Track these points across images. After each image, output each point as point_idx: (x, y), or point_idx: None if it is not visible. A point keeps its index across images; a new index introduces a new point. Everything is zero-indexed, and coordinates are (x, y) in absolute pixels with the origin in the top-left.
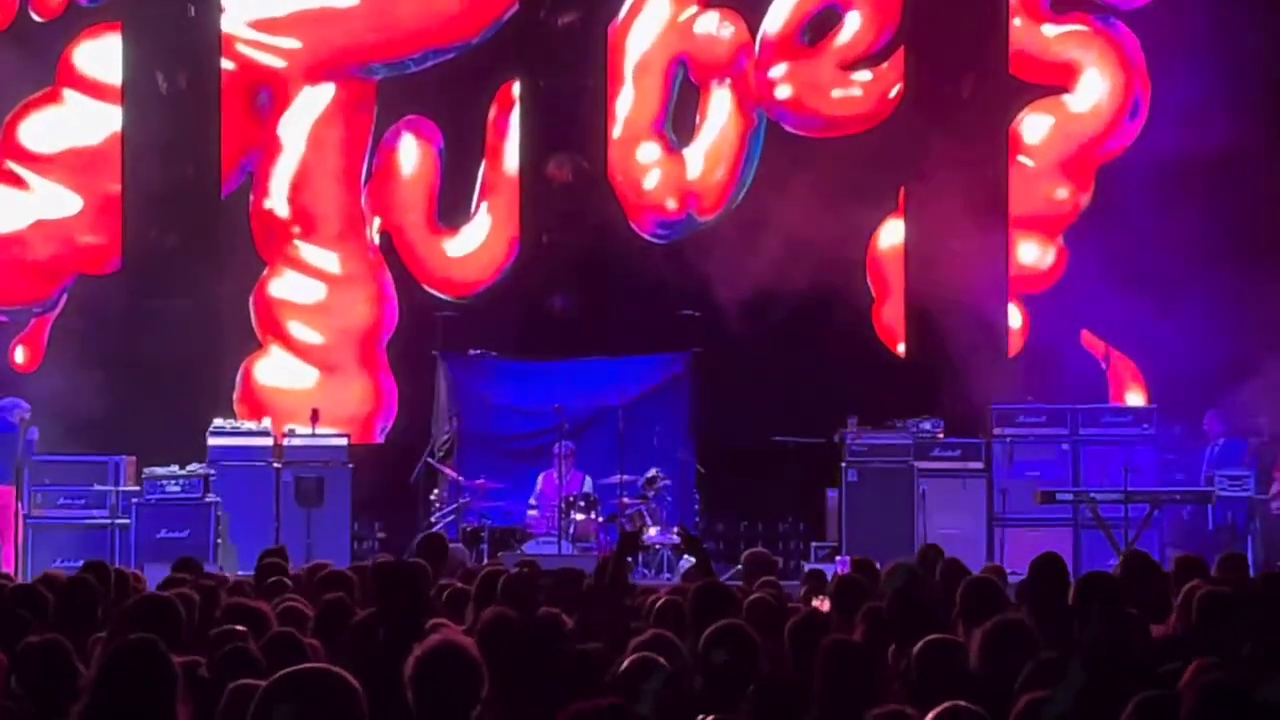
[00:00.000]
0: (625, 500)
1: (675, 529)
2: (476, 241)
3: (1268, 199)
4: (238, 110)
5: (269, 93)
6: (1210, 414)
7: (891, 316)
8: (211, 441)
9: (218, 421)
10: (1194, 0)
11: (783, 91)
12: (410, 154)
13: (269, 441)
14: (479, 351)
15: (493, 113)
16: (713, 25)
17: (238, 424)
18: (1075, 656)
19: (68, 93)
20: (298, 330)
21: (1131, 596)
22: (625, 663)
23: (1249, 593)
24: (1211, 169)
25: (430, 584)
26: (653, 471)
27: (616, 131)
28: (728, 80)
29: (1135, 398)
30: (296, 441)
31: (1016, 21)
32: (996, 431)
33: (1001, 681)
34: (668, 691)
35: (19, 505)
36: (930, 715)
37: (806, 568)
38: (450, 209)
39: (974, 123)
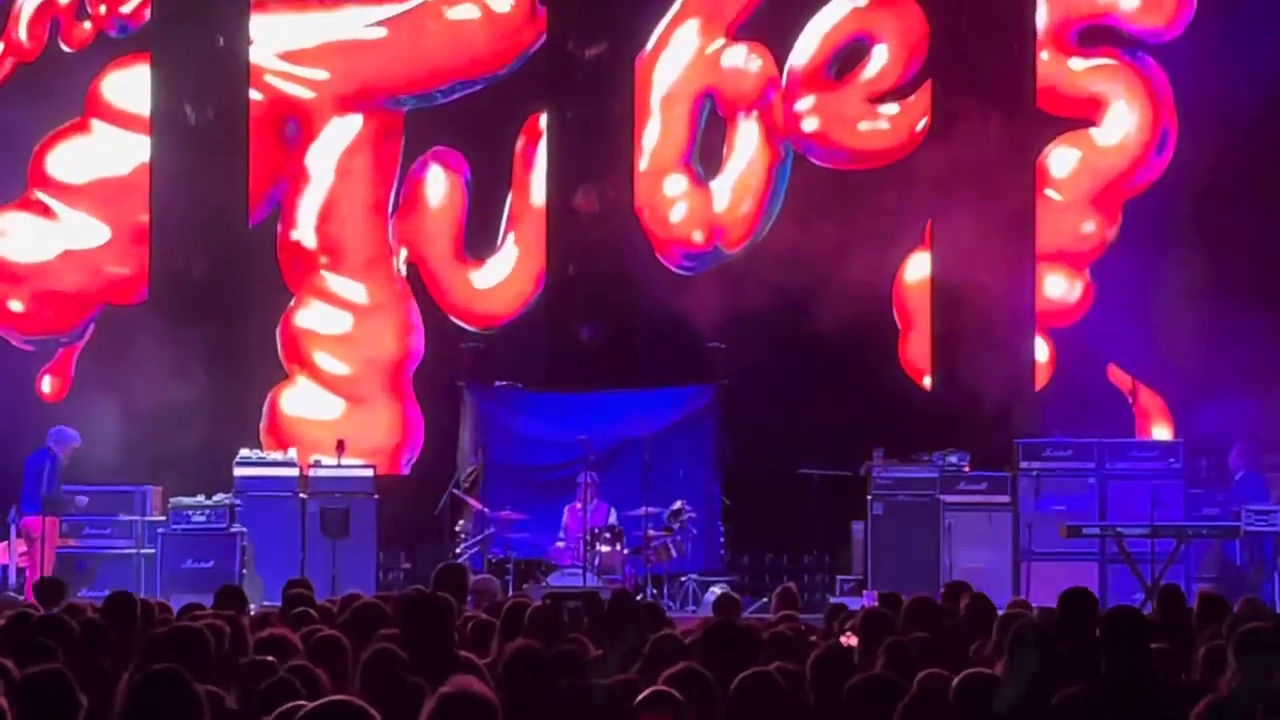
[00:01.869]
0: (651, 532)
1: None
2: (503, 273)
3: None
4: (265, 141)
5: (297, 123)
6: (1235, 448)
7: (918, 349)
8: (238, 472)
9: (244, 452)
10: (1221, 34)
11: (810, 124)
12: (438, 185)
13: (295, 472)
14: (505, 383)
15: (520, 144)
16: (740, 58)
17: (264, 454)
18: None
19: (96, 123)
20: (324, 361)
21: (1162, 632)
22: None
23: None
24: (1239, 202)
25: (457, 616)
26: (678, 504)
27: (643, 164)
28: (755, 113)
29: (1162, 432)
30: (322, 472)
31: (1044, 55)
32: (1023, 465)
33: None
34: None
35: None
36: None
37: (831, 601)
38: (477, 240)
39: (1001, 156)
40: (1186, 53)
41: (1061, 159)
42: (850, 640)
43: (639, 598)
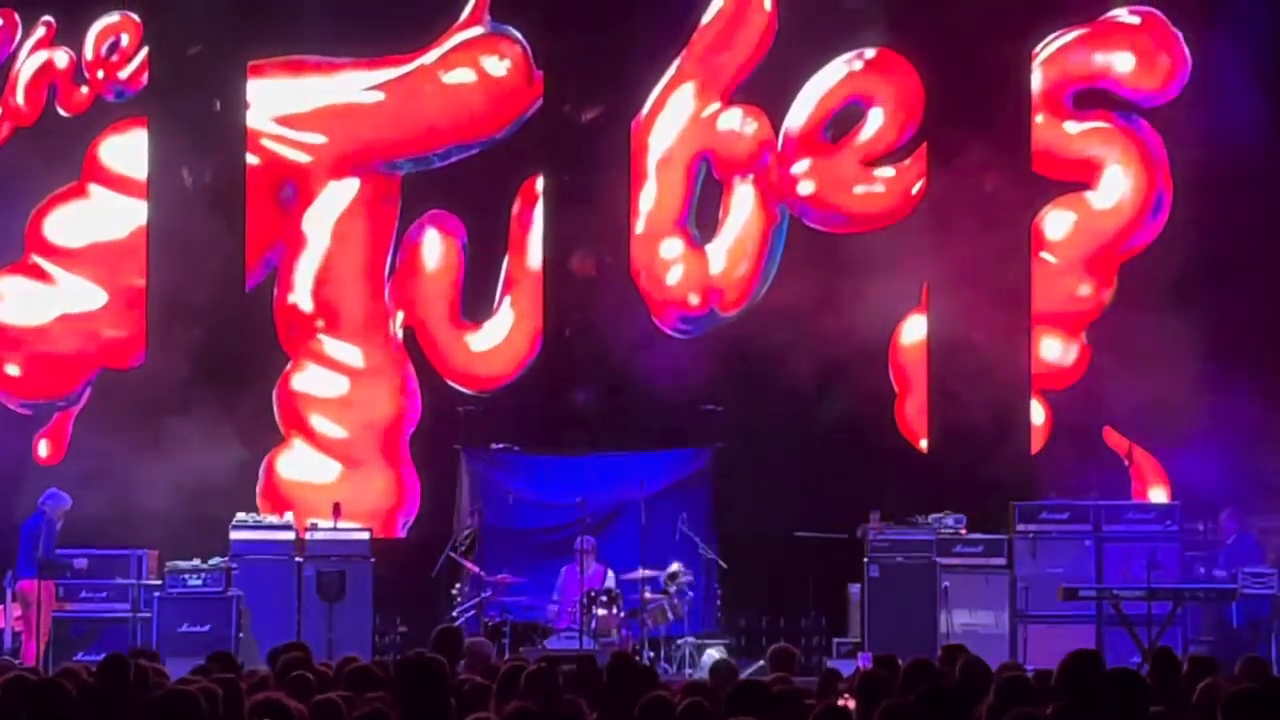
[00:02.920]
0: (648, 595)
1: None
2: (499, 336)
3: None
4: (262, 204)
5: (293, 187)
6: (1226, 512)
7: (914, 412)
8: (234, 535)
9: (240, 515)
10: (1215, 97)
11: (805, 187)
12: (434, 248)
13: (291, 535)
14: (501, 446)
15: (516, 207)
16: (736, 122)
17: (260, 518)
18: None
19: (93, 187)
20: (320, 424)
21: (1157, 694)
22: None
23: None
24: (1234, 265)
25: (451, 678)
26: (675, 566)
27: (639, 227)
28: (750, 176)
29: (1158, 495)
30: (319, 535)
31: (1039, 118)
32: (1019, 528)
33: None
34: None
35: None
36: None
37: (827, 664)
38: (473, 303)
39: (996, 219)
40: (1181, 116)
41: (1057, 221)
42: (848, 702)
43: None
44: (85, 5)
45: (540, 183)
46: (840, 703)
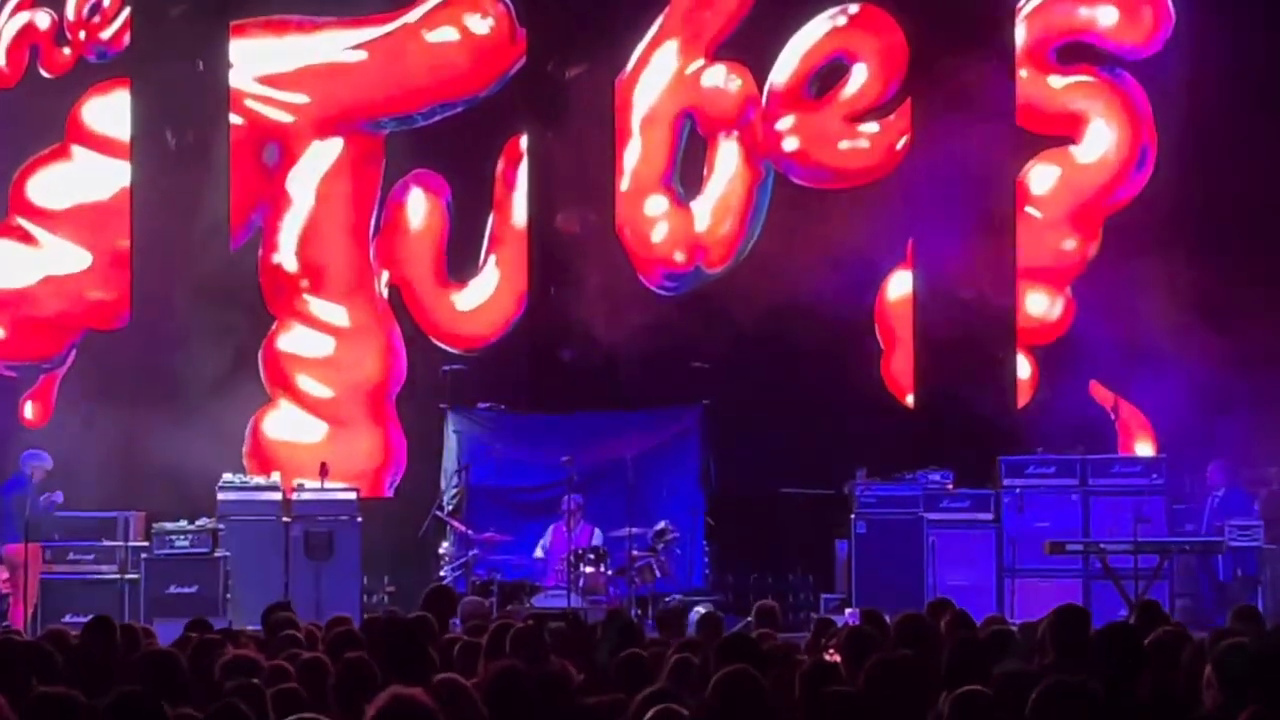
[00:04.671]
0: (635, 553)
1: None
2: (485, 295)
3: (1277, 247)
4: (246, 165)
5: (277, 147)
6: (1213, 465)
7: (900, 367)
8: (220, 496)
9: (227, 476)
10: (1199, 50)
11: (790, 144)
12: (418, 208)
13: (278, 496)
14: (488, 405)
15: (500, 166)
16: (720, 78)
17: (247, 479)
18: None
19: (76, 149)
20: (306, 384)
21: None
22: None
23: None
24: (1219, 218)
25: (434, 637)
26: (662, 524)
27: (624, 184)
28: (735, 133)
29: (1144, 448)
30: (306, 496)
31: (1023, 73)
32: (1006, 482)
33: None
34: None
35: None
36: None
37: (815, 617)
38: (458, 262)
39: (981, 174)
40: (1164, 69)
41: (1041, 176)
42: (834, 657)
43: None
44: None
45: (524, 141)
46: (827, 656)
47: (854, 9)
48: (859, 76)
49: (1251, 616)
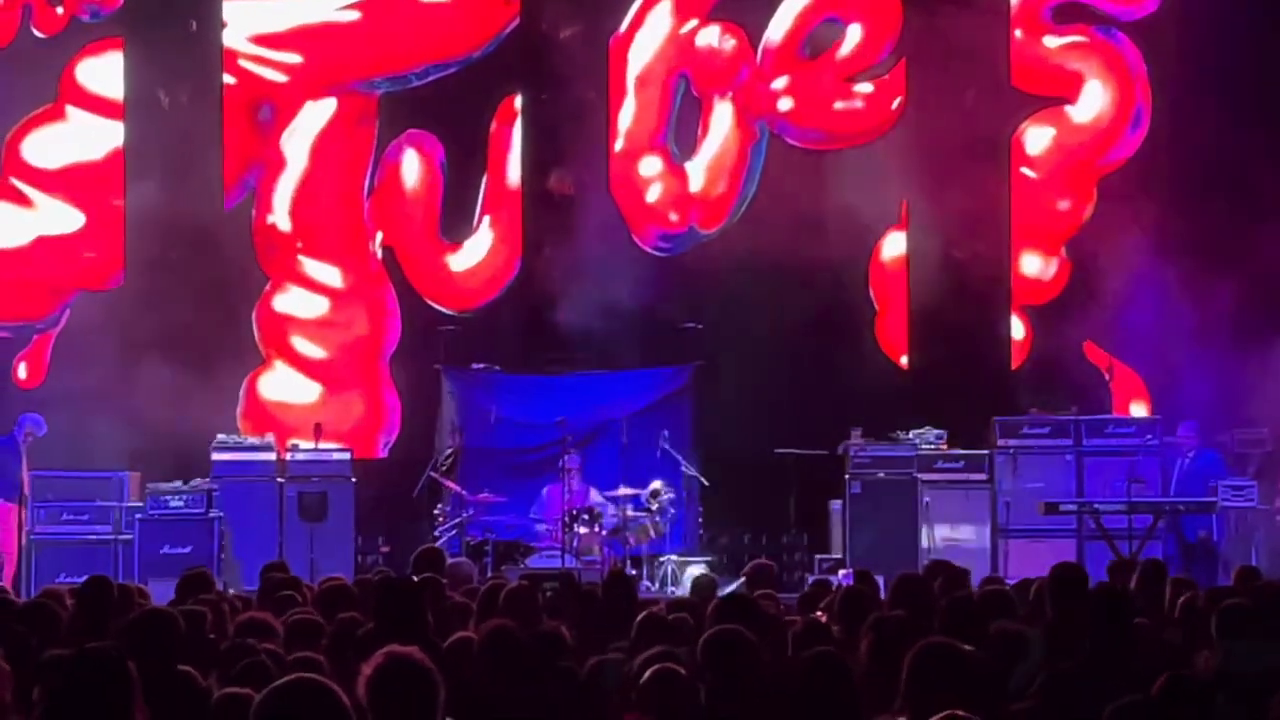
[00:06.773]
0: (630, 513)
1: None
2: (479, 255)
3: (1272, 208)
4: (240, 125)
5: (271, 107)
6: (1184, 425)
7: (894, 328)
8: (215, 456)
9: (221, 437)
10: (1194, 10)
11: (784, 104)
12: (412, 168)
13: (272, 456)
14: (482, 365)
15: (494, 126)
16: (714, 38)
17: (241, 439)
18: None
19: (70, 109)
20: (301, 345)
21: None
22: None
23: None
24: (1213, 179)
25: (431, 599)
26: (656, 484)
27: (618, 145)
28: (729, 93)
29: (1139, 409)
30: (300, 456)
31: (1018, 33)
32: (1000, 443)
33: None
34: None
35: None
36: None
37: (810, 579)
38: (452, 223)
39: (976, 135)
40: (1159, 29)
41: (1036, 137)
42: (821, 618)
43: None
44: None
45: (518, 101)
46: (816, 615)
47: None
48: (853, 37)
49: (1253, 578)
